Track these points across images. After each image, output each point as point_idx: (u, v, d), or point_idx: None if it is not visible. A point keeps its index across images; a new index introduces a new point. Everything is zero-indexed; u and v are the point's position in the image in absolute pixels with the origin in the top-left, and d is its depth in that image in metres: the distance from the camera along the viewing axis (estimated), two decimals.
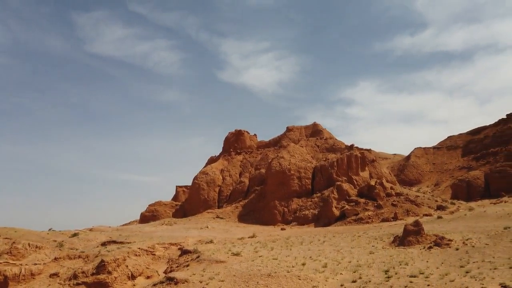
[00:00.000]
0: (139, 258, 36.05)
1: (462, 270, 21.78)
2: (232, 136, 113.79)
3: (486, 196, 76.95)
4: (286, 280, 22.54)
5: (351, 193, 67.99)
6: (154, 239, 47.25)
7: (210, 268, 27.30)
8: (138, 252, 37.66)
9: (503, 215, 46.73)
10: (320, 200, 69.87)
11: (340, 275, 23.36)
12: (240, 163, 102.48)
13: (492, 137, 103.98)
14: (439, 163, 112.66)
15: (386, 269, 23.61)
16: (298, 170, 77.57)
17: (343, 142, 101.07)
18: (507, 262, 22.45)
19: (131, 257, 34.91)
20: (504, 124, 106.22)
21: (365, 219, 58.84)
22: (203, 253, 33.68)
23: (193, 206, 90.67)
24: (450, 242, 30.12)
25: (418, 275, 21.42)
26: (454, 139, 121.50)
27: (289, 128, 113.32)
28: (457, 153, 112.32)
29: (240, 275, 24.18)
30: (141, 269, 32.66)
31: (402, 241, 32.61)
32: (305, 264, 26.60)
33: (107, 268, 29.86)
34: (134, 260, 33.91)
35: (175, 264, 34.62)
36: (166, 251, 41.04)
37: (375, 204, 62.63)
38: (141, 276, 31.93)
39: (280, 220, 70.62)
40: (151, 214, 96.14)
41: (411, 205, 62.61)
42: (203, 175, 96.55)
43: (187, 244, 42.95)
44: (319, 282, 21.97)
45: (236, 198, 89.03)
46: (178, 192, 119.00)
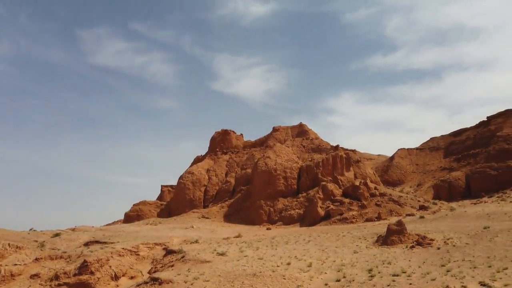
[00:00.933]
0: (122, 258, 35.61)
1: (443, 269, 22.24)
2: (218, 136, 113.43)
3: (467, 197, 78.77)
4: (271, 279, 22.61)
5: (336, 193, 68.62)
6: (138, 239, 46.72)
7: (195, 268, 27.17)
8: (121, 252, 37.19)
9: (483, 215, 47.94)
10: (306, 200, 70.30)
11: (325, 274, 23.57)
12: (226, 163, 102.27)
13: (473, 138, 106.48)
14: (421, 164, 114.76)
15: (369, 268, 23.93)
16: (284, 170, 77.87)
17: (328, 142, 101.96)
18: (487, 261, 23.04)
19: (115, 257, 34.45)
20: (484, 126, 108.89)
21: (350, 219, 59.48)
22: (188, 253, 33.50)
23: (179, 205, 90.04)
24: (431, 241, 30.74)
25: (401, 274, 21.78)
26: (437, 141, 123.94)
27: (275, 128, 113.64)
28: (439, 154, 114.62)
29: (225, 275, 24.15)
30: (125, 269, 32.26)
31: (386, 240, 33.11)
32: (290, 263, 26.74)
33: (89, 268, 29.40)
34: (118, 261, 33.47)
35: (160, 264, 34.33)
36: (150, 251, 40.63)
37: (360, 204, 63.37)
38: (125, 277, 31.54)
39: (265, 220, 70.76)
40: (135, 214, 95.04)
41: (395, 205, 63.58)
42: (189, 174, 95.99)
43: (172, 244, 42.63)
44: (303, 282, 22.13)
45: (222, 197, 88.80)
46: (163, 191, 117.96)
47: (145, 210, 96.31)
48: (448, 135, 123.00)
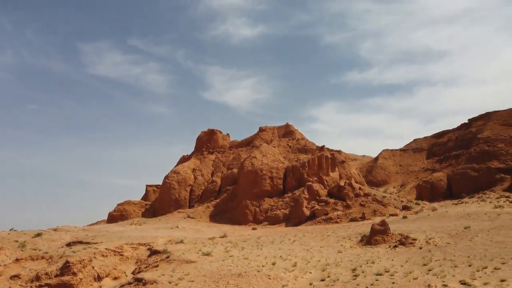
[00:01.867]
0: (106, 258, 35.12)
1: (425, 268, 22.69)
2: (204, 135, 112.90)
3: (448, 197, 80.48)
4: (256, 279, 22.67)
5: (321, 193, 69.15)
6: (122, 239, 46.15)
7: (180, 269, 27.02)
8: (105, 253, 36.68)
9: (464, 215, 49.04)
10: (291, 200, 70.65)
11: (309, 274, 23.75)
12: (213, 163, 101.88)
13: (454, 140, 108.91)
14: (405, 165, 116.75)
15: (353, 267, 24.23)
16: (270, 170, 78.07)
17: (314, 143, 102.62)
18: (467, 260, 23.60)
19: (98, 257, 33.95)
20: (466, 128, 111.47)
21: (334, 219, 60.04)
22: (173, 253, 33.28)
23: (164, 205, 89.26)
24: (414, 241, 31.31)
25: (384, 273, 22.12)
26: (420, 142, 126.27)
27: (261, 128, 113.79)
28: (422, 155, 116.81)
29: (210, 275, 24.09)
30: (108, 270, 31.83)
31: (369, 240, 33.56)
32: (275, 263, 26.85)
33: (72, 269, 28.90)
34: (101, 261, 33.00)
35: (144, 265, 33.99)
36: (134, 252, 40.18)
37: (344, 204, 64.03)
38: (108, 277, 31.12)
39: (251, 220, 70.82)
40: (119, 213, 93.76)
41: (378, 205, 64.48)
42: (175, 174, 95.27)
43: (157, 244, 42.25)
44: (288, 281, 22.25)
45: (207, 197, 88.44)
46: (148, 191, 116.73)
47: (130, 210, 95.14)
48: (431, 136, 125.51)
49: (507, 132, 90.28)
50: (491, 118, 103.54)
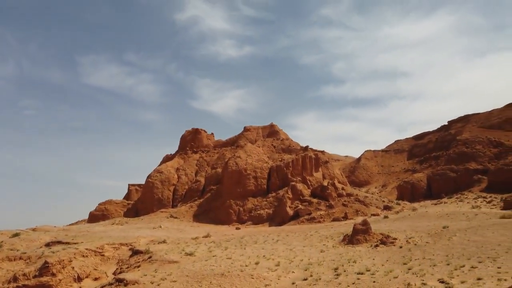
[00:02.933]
0: (86, 259, 34.51)
1: (405, 267, 23.13)
2: (188, 135, 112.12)
3: (428, 197, 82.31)
4: (239, 279, 22.68)
5: (304, 193, 69.67)
6: (103, 239, 45.41)
7: (162, 269, 26.80)
8: (85, 253, 36.03)
9: (443, 215, 50.21)
10: (275, 199, 70.92)
11: (292, 273, 23.90)
12: (197, 162, 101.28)
13: (434, 142, 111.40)
14: (386, 166, 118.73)
15: (335, 267, 24.50)
16: (254, 170, 78.16)
17: (298, 143, 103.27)
18: (445, 259, 24.19)
19: (78, 258, 33.33)
20: (445, 130, 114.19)
21: (317, 219, 60.59)
22: (155, 253, 32.96)
23: (146, 205, 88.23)
24: (394, 240, 31.89)
25: (365, 272, 22.45)
26: (401, 143, 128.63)
27: (246, 128, 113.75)
28: (403, 157, 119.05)
29: (193, 275, 23.97)
30: (89, 270, 31.30)
31: (351, 239, 34.01)
32: (258, 263, 26.91)
33: (51, 270, 28.29)
34: (81, 261, 32.42)
35: (126, 265, 33.55)
36: (116, 252, 39.60)
37: (327, 204, 64.68)
38: (88, 278, 30.60)
39: (235, 220, 70.76)
40: (100, 213, 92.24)
41: (360, 205, 65.40)
42: (158, 173, 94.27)
43: (139, 244, 41.76)
44: (271, 281, 22.34)
45: (191, 197, 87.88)
46: (130, 190, 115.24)
47: (111, 209, 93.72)
48: (412, 138, 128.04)
49: (484, 134, 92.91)
50: (470, 121, 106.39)
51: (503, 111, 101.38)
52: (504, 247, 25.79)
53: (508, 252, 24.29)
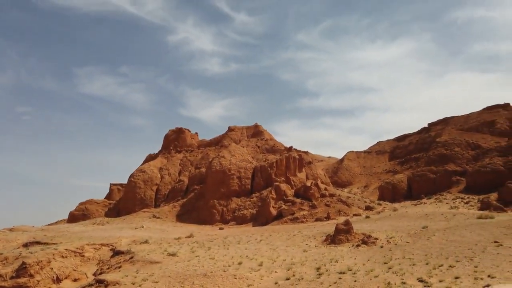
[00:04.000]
0: (65, 260, 33.81)
1: (386, 266, 23.55)
2: (172, 134, 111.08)
3: (409, 198, 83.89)
4: (222, 279, 22.64)
5: (288, 194, 70.02)
6: (83, 239, 44.58)
7: (144, 269, 26.50)
8: (64, 254, 35.29)
9: (422, 216, 51.31)
10: (259, 200, 71.04)
11: (275, 273, 24.01)
12: (180, 162, 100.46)
13: (415, 144, 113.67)
14: (368, 166, 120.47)
15: (318, 266, 24.74)
16: (238, 170, 78.10)
17: (282, 143, 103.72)
18: (424, 258, 24.74)
19: (57, 259, 32.62)
20: (425, 132, 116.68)
21: (301, 219, 61.00)
22: (137, 253, 32.56)
23: (128, 205, 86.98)
24: (376, 240, 32.43)
25: (347, 271, 22.75)
26: (383, 145, 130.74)
27: (231, 128, 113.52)
28: (384, 158, 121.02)
29: (175, 276, 23.80)
30: (68, 271, 30.67)
31: (334, 239, 34.40)
32: (241, 263, 26.92)
33: (28, 271, 27.59)
34: (60, 262, 31.74)
35: (106, 266, 33.02)
36: (96, 252, 38.94)
37: (310, 204, 65.19)
38: (68, 279, 29.99)
39: (218, 220, 70.55)
40: (81, 213, 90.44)
41: (343, 206, 66.17)
42: (140, 173, 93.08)
43: (120, 245, 41.17)
44: (254, 281, 22.39)
45: (174, 197, 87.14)
46: (112, 190, 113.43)
47: (92, 209, 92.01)
48: (393, 139, 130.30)
49: (463, 136, 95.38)
50: (449, 123, 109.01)
51: (480, 114, 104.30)
52: (481, 247, 26.56)
53: (485, 251, 25.03)
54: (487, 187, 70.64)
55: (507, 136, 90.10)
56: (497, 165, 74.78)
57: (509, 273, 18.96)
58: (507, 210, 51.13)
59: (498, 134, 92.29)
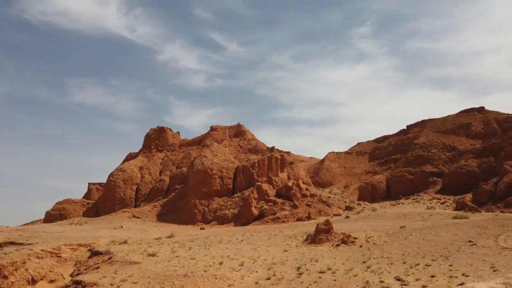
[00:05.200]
0: (41, 260, 32.95)
1: (364, 265, 23.96)
2: (153, 133, 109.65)
3: (387, 198, 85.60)
4: (202, 279, 22.55)
5: (270, 194, 70.29)
6: (60, 240, 43.53)
7: (123, 270, 26.10)
8: (40, 254, 34.39)
9: (400, 216, 52.43)
10: (241, 199, 71.02)
11: (256, 273, 24.08)
12: (161, 161, 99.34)
13: (394, 145, 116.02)
14: (349, 167, 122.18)
15: (298, 266, 24.95)
16: (220, 170, 77.86)
17: (265, 144, 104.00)
18: (402, 257, 25.30)
19: (32, 259, 31.75)
20: (404, 134, 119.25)
21: (282, 219, 61.35)
22: (115, 254, 32.03)
23: (107, 204, 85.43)
24: (355, 240, 32.94)
25: (326, 271, 23.03)
26: (363, 146, 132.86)
27: (213, 128, 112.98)
28: (364, 158, 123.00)
29: (155, 276, 23.54)
30: (44, 272, 29.89)
31: (314, 239, 34.74)
32: (222, 263, 26.87)
33: (2, 272, 26.75)
34: (36, 263, 30.91)
35: (84, 267, 32.36)
36: (74, 253, 38.10)
37: (292, 204, 65.63)
38: (44, 280, 29.23)
39: (200, 220, 70.15)
40: (58, 213, 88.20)
41: (323, 206, 66.92)
42: (120, 172, 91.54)
43: (99, 245, 40.40)
44: (235, 281, 22.40)
45: (155, 196, 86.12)
46: (90, 189, 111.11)
47: (70, 209, 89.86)
48: (373, 141, 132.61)
49: (440, 138, 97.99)
50: (427, 126, 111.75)
51: (456, 117, 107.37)
52: (456, 246, 27.36)
53: (459, 250, 25.79)
54: (462, 188, 72.84)
55: (481, 138, 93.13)
56: (472, 167, 77.18)
57: (482, 271, 19.60)
58: (481, 211, 52.83)
59: (473, 137, 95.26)
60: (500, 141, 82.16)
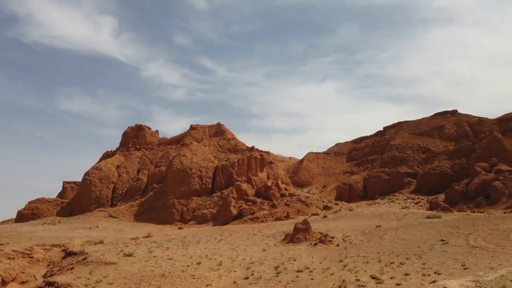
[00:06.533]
0: (12, 261, 31.85)
1: (341, 264, 24.38)
2: (131, 131, 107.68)
3: (364, 198, 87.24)
4: (180, 279, 22.38)
5: (249, 193, 70.36)
6: (32, 240, 42.26)
7: (98, 270, 25.59)
8: (11, 255, 33.26)
9: (376, 215, 53.59)
10: (220, 199, 70.76)
11: (234, 272, 24.09)
12: (139, 160, 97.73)
13: (371, 146, 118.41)
14: (327, 167, 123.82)
15: (276, 265, 25.13)
16: (199, 169, 77.35)
17: (244, 143, 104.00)
18: (377, 256, 25.88)
19: (3, 260, 30.65)
20: (381, 135, 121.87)
21: (261, 218, 61.54)
22: (91, 254, 31.35)
23: (83, 204, 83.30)
24: (332, 239, 33.45)
25: (304, 270, 23.30)
26: (341, 146, 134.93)
27: (193, 127, 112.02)
28: (342, 159, 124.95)
29: (131, 277, 23.19)
30: (15, 273, 28.89)
31: (292, 238, 35.06)
32: (200, 263, 26.75)
33: None
34: (6, 264, 29.84)
35: (57, 268, 31.48)
36: (47, 254, 37.03)
37: (271, 204, 65.94)
38: (15, 282, 28.25)
39: (178, 219, 69.44)
40: (30, 212, 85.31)
41: (302, 205, 67.56)
42: (96, 170, 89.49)
43: (73, 245, 39.43)
44: (213, 281, 22.34)
45: (132, 196, 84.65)
46: (65, 188, 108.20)
47: (43, 208, 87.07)
48: (351, 142, 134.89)
49: (414, 140, 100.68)
50: (402, 127, 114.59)
51: (431, 119, 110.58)
52: (429, 245, 28.22)
53: (432, 249, 26.62)
54: (435, 188, 75.06)
55: (454, 140, 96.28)
56: (445, 168, 79.65)
57: (454, 269, 20.29)
58: (453, 210, 54.62)
59: (447, 139, 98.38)
60: (472, 143, 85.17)
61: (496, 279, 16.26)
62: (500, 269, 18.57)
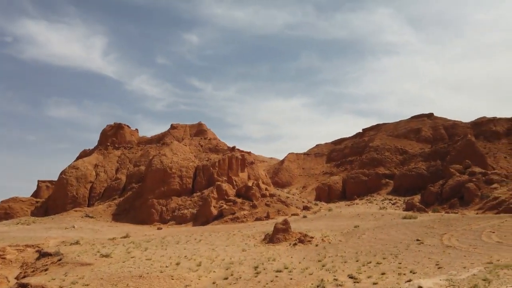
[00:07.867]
0: None
1: (320, 264, 24.67)
2: (110, 129, 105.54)
3: (343, 199, 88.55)
4: (158, 280, 22.12)
5: (229, 193, 70.22)
6: (5, 240, 40.89)
7: (74, 272, 25.00)
8: None
9: (355, 215, 54.47)
10: (200, 199, 70.33)
11: (213, 273, 24.00)
12: (118, 159, 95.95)
13: (350, 147, 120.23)
14: (307, 168, 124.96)
15: (256, 265, 25.19)
16: (180, 169, 76.64)
17: (225, 143, 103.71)
18: (355, 256, 26.32)
19: None
20: (360, 137, 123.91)
21: (241, 218, 61.54)
22: (66, 255, 30.60)
23: (58, 203, 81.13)
24: (311, 239, 33.80)
25: (283, 269, 23.45)
26: (321, 147, 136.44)
27: (173, 126, 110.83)
28: (322, 160, 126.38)
29: (108, 278, 22.76)
30: None
31: (272, 238, 35.23)
32: (179, 263, 26.52)
33: None
34: None
35: (31, 269, 30.57)
36: (20, 254, 35.89)
37: (251, 204, 66.02)
38: None
39: (157, 220, 68.59)
40: (3, 211, 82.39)
41: (282, 205, 67.95)
42: (73, 169, 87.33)
43: (48, 246, 38.37)
44: (192, 281, 22.19)
45: (110, 195, 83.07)
46: (40, 187, 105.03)
47: (16, 207, 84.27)
48: (331, 143, 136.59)
49: (392, 142, 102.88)
50: (381, 130, 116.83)
51: (408, 122, 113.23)
52: (405, 245, 28.90)
53: (408, 249, 27.27)
54: (412, 189, 76.94)
55: (430, 143, 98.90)
56: (421, 170, 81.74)
57: (428, 269, 20.85)
58: (428, 211, 56.12)
59: (423, 141, 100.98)
60: (447, 146, 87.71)
61: (469, 278, 16.82)
62: (472, 268, 19.22)
